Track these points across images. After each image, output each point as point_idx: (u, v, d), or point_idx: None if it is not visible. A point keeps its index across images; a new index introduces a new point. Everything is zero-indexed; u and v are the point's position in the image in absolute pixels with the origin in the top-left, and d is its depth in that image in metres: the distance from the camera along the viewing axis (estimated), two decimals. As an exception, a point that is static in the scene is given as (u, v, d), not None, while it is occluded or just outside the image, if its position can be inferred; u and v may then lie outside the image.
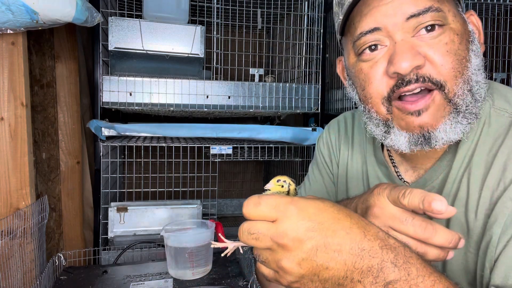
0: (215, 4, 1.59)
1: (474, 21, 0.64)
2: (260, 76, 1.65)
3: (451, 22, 0.58)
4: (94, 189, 1.57)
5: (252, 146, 1.62)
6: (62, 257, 1.15)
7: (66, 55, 1.50)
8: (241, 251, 0.60)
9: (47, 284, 1.04)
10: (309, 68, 1.75)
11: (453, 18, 0.58)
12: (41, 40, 1.39)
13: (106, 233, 1.48)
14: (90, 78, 1.65)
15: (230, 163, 2.47)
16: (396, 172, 0.72)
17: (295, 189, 0.59)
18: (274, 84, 1.60)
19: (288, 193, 0.58)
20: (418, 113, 0.58)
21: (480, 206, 0.58)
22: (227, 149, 1.55)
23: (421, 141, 0.59)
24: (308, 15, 1.74)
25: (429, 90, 0.57)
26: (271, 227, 0.44)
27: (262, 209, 0.45)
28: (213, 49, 1.60)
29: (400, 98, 0.59)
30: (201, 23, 1.61)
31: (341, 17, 0.62)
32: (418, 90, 0.57)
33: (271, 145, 1.65)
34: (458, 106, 0.57)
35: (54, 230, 1.47)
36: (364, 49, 0.61)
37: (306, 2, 1.73)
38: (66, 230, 1.53)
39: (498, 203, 0.55)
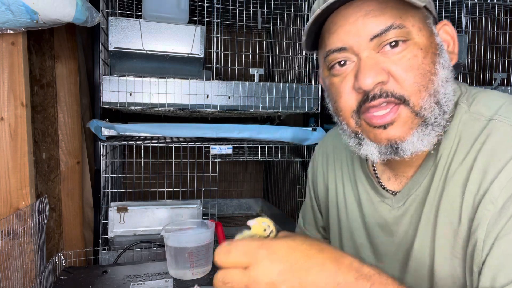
0: (215, 4, 1.59)
1: (449, 31, 0.65)
2: (260, 76, 1.64)
3: (415, 36, 0.59)
4: (94, 189, 1.57)
5: (252, 146, 1.62)
6: (62, 257, 1.15)
7: (66, 55, 1.50)
8: None
9: (47, 284, 1.04)
10: (309, 68, 1.75)
11: (417, 32, 0.60)
12: (41, 40, 1.39)
13: (106, 233, 1.48)
14: (90, 78, 1.64)
15: (230, 163, 2.47)
16: (379, 183, 0.74)
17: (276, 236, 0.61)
18: (274, 84, 1.59)
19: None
20: (384, 127, 0.60)
21: (463, 212, 0.59)
22: (227, 149, 1.55)
23: (390, 151, 0.61)
24: (308, 15, 1.73)
25: (396, 104, 0.59)
26: (244, 274, 0.44)
27: (233, 256, 0.45)
28: (213, 49, 1.60)
29: (368, 110, 0.61)
30: (201, 23, 1.61)
31: (304, 37, 0.66)
32: (384, 104, 0.59)
33: (271, 145, 1.65)
34: (426, 119, 0.59)
35: (54, 230, 1.47)
36: (334, 65, 0.63)
37: (306, 2, 1.73)
38: (66, 230, 1.53)
39: (480, 206, 0.56)
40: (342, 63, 0.62)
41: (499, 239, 0.53)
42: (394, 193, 0.71)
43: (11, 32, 1.03)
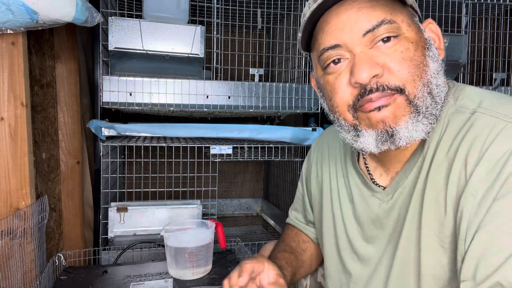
0: (215, 4, 1.59)
1: (434, 29, 0.69)
2: (260, 76, 1.64)
3: (405, 31, 0.62)
4: (94, 189, 1.57)
5: (252, 146, 1.62)
6: (62, 257, 1.15)
7: (66, 55, 1.50)
8: None
9: (47, 284, 1.04)
10: (309, 68, 1.75)
11: (407, 28, 0.63)
12: (41, 40, 1.39)
13: (106, 233, 1.48)
14: (90, 78, 1.64)
15: (230, 163, 2.47)
16: (372, 180, 0.76)
17: None
18: (274, 84, 1.60)
19: None
20: (379, 109, 0.61)
21: (448, 201, 0.60)
22: (227, 149, 1.55)
23: (386, 138, 0.62)
24: (308, 15, 1.73)
25: (392, 95, 0.61)
26: None
27: None
28: (213, 49, 1.60)
29: (365, 104, 0.63)
30: (201, 23, 1.61)
31: (299, 34, 0.69)
32: (381, 98, 0.61)
33: (271, 145, 1.65)
34: (418, 107, 0.61)
35: (54, 230, 1.47)
36: (329, 63, 0.65)
37: (306, 2, 1.72)
38: (66, 230, 1.53)
39: (462, 198, 0.57)
40: (336, 61, 0.64)
41: (479, 230, 0.54)
42: (384, 188, 0.73)
43: (11, 32, 1.03)
